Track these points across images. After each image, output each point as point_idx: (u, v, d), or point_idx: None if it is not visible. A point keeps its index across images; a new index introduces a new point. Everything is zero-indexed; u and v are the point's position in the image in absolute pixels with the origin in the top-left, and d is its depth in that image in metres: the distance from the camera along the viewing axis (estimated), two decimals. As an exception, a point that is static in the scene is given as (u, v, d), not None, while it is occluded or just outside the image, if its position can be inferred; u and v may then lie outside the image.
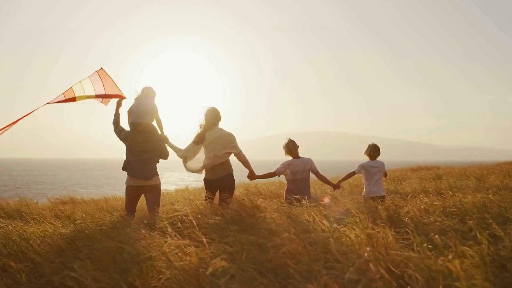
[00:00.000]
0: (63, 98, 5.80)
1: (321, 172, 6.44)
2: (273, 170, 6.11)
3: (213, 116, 5.66)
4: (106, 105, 6.12)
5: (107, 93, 6.01)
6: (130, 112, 5.71)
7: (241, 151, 5.64)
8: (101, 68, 6.04)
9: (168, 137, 5.76)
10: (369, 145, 6.49)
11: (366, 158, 6.49)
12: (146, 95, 5.68)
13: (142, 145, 5.48)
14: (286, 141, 6.18)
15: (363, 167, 6.35)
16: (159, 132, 5.70)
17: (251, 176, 5.93)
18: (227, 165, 5.64)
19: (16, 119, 5.81)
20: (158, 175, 5.69)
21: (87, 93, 5.91)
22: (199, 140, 5.62)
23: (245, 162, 5.73)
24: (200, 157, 5.70)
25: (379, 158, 6.45)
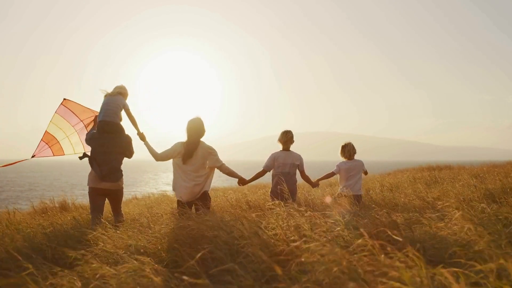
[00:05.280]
0: (49, 150, 5.97)
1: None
2: (261, 169, 5.78)
3: (198, 131, 5.20)
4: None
5: (82, 119, 6.02)
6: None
7: (223, 163, 5.26)
8: (64, 99, 5.96)
9: (145, 135, 5.42)
10: (343, 145, 6.29)
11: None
12: (117, 93, 5.42)
13: (109, 146, 5.22)
14: (287, 129, 5.87)
15: (339, 168, 6.18)
16: (127, 132, 5.43)
17: (242, 182, 5.58)
18: (204, 184, 5.19)
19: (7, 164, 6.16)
20: (122, 177, 5.41)
21: (69, 134, 6.00)
22: (185, 160, 5.12)
23: (230, 173, 5.38)
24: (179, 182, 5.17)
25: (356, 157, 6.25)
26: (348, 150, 6.21)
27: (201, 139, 5.24)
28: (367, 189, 7.91)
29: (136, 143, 5.46)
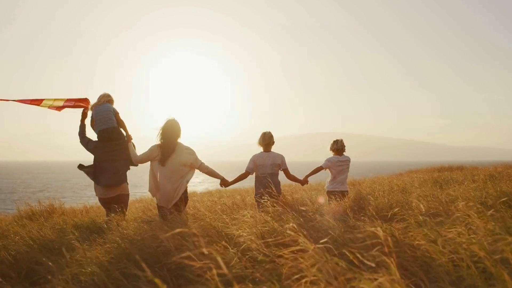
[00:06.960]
0: (29, 100, 5.71)
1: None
2: (244, 171, 5.60)
3: (175, 132, 5.02)
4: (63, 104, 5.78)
5: (74, 103, 5.76)
6: (93, 122, 5.47)
7: (202, 163, 5.07)
8: (87, 100, 5.75)
9: (132, 137, 5.46)
10: (335, 140, 6.41)
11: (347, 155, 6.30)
12: (104, 102, 5.47)
13: (112, 153, 5.31)
14: (266, 131, 5.69)
15: (330, 162, 6.21)
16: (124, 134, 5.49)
17: (224, 183, 5.36)
18: (182, 186, 5.01)
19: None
20: (127, 183, 5.47)
21: (55, 104, 5.74)
22: (164, 161, 4.95)
23: (210, 173, 5.16)
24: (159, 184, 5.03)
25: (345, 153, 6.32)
26: (340, 145, 6.29)
27: (179, 140, 5.07)
28: (368, 192, 7.46)
29: (140, 146, 5.49)
